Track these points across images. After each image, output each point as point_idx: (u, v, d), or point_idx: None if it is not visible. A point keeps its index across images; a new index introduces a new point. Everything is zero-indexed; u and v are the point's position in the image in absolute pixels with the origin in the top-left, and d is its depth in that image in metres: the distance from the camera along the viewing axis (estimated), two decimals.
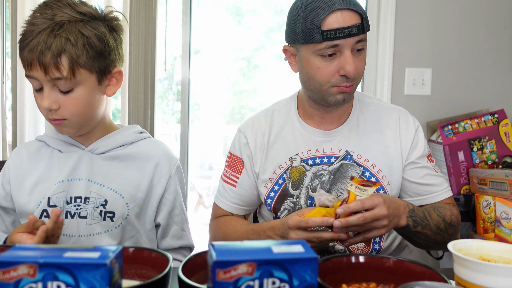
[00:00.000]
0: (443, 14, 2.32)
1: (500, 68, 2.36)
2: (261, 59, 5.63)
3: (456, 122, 2.12)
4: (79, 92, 1.03)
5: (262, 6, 5.47)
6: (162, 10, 2.38)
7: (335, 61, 1.10)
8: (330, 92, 1.13)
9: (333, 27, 1.07)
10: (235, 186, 1.29)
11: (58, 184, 1.10)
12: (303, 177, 1.21)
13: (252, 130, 1.29)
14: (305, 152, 1.23)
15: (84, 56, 1.01)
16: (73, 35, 1.00)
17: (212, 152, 5.82)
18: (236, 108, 5.97)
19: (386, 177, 1.21)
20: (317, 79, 1.13)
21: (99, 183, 1.11)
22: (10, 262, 0.56)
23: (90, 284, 0.56)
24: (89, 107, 1.06)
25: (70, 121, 1.05)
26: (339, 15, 1.07)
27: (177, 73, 2.76)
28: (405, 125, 1.26)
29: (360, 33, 1.08)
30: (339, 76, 1.11)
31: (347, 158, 1.22)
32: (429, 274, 0.74)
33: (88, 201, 1.09)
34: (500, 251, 0.78)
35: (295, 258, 0.58)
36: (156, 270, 0.76)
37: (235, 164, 1.30)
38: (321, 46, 1.08)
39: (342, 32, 1.07)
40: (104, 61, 1.06)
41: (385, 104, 1.31)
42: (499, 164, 2.10)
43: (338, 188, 1.21)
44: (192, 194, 4.70)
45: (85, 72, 1.03)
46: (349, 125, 1.24)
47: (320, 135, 1.23)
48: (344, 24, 1.07)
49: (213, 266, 0.56)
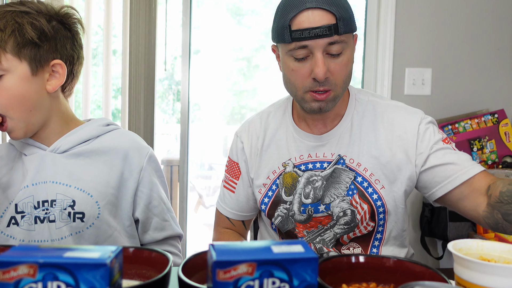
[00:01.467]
0: (443, 14, 2.32)
1: (500, 68, 2.36)
2: (261, 59, 5.63)
3: (456, 122, 2.12)
4: (8, 80, 0.99)
5: (262, 6, 5.47)
6: (162, 10, 2.39)
7: (307, 64, 1.05)
8: (304, 98, 1.08)
9: (301, 27, 1.01)
10: (233, 192, 1.28)
11: (23, 190, 1.06)
12: (296, 183, 1.18)
13: (248, 134, 1.26)
14: (298, 157, 1.19)
15: (11, 41, 0.98)
16: (4, 21, 0.98)
17: (212, 152, 5.82)
18: (236, 108, 5.97)
19: (379, 181, 1.15)
20: (292, 82, 1.09)
21: (64, 183, 1.06)
22: (10, 262, 0.56)
23: (90, 284, 0.56)
24: (23, 100, 1.01)
25: (10, 119, 1.01)
26: (309, 14, 1.01)
27: (177, 73, 2.76)
28: (403, 121, 1.16)
29: (331, 34, 1.01)
30: (311, 80, 1.05)
31: (339, 163, 1.16)
32: (429, 274, 0.74)
33: (55, 204, 1.05)
34: (500, 251, 0.78)
35: (295, 258, 0.58)
36: (156, 270, 0.76)
37: (233, 170, 1.29)
38: (290, 46, 1.04)
39: (310, 33, 1.00)
40: (37, 50, 1.02)
41: (384, 101, 1.22)
42: (499, 164, 2.10)
43: (331, 193, 1.16)
44: (192, 194, 4.70)
45: (12, 59, 0.99)
46: (343, 127, 1.18)
47: (312, 140, 1.18)
48: (314, 24, 1.00)
49: (213, 266, 0.56)
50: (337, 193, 1.16)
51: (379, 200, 1.15)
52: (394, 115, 1.17)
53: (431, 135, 1.13)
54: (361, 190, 1.15)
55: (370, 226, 1.17)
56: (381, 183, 1.15)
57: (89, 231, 1.07)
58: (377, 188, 1.15)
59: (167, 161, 3.33)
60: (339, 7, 1.02)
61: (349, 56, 1.06)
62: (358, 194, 1.15)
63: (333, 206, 1.16)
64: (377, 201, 1.15)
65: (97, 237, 1.08)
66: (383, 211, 1.15)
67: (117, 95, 4.12)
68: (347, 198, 1.15)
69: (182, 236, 1.23)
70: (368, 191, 1.15)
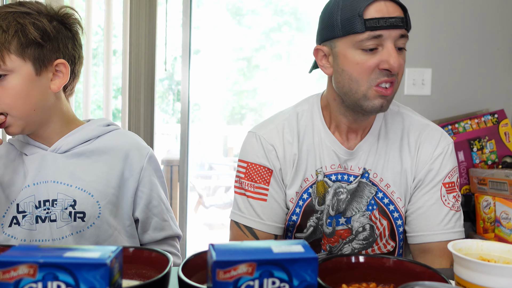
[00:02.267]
0: (443, 14, 2.32)
1: (500, 68, 2.36)
2: (261, 59, 5.63)
3: (456, 122, 2.12)
4: (11, 80, 1.00)
5: (262, 6, 5.47)
6: (162, 10, 2.39)
7: (376, 56, 1.01)
8: (367, 95, 1.03)
9: (376, 16, 0.99)
10: (265, 200, 1.13)
11: (25, 189, 1.06)
12: (326, 194, 1.13)
13: (280, 139, 1.14)
14: (329, 167, 1.13)
15: (15, 42, 0.99)
16: (6, 22, 0.99)
17: (212, 152, 5.82)
18: (236, 108, 5.97)
19: (401, 199, 1.12)
20: (355, 77, 1.03)
21: (65, 183, 1.07)
22: (10, 262, 0.56)
23: (90, 284, 0.56)
24: (27, 100, 1.02)
25: (11, 116, 1.01)
26: (383, 4, 1.00)
27: (177, 73, 2.76)
28: (428, 142, 1.13)
29: (404, 26, 1.01)
30: (378, 70, 1.01)
31: (364, 176, 1.13)
32: (429, 274, 0.74)
33: (56, 204, 1.06)
34: (500, 251, 0.78)
35: (295, 258, 0.58)
36: (156, 270, 0.76)
37: (260, 175, 1.14)
38: (362, 36, 0.99)
39: (386, 22, 0.98)
40: (41, 50, 1.03)
41: (416, 117, 1.17)
42: (499, 164, 2.10)
43: (353, 207, 1.13)
44: (192, 194, 4.70)
45: (17, 59, 1.00)
46: (371, 138, 1.13)
47: (344, 154, 1.13)
48: (388, 14, 0.99)
49: (213, 266, 0.56)
50: (359, 207, 1.13)
51: (399, 219, 1.12)
52: (420, 131, 1.14)
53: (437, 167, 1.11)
54: (381, 206, 1.12)
55: (390, 246, 1.14)
56: (403, 201, 1.12)
57: (90, 230, 1.07)
58: (398, 206, 1.12)
59: (167, 161, 3.33)
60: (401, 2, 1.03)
61: (405, 54, 1.05)
62: (378, 210, 1.12)
63: (353, 220, 1.13)
64: (397, 220, 1.13)
65: (97, 237, 1.08)
66: (404, 231, 1.14)
67: (117, 95, 4.12)
68: (366, 213, 1.13)
69: (181, 237, 1.23)
70: (389, 208, 1.12)
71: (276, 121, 1.18)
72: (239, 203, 1.16)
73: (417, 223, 1.11)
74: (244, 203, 1.14)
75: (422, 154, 1.12)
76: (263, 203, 1.13)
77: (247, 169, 1.15)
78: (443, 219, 1.10)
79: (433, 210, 1.10)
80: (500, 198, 1.89)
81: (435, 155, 1.11)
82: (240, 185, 1.16)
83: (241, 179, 1.15)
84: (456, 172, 1.14)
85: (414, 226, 1.12)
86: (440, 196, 1.11)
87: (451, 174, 1.12)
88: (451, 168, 1.12)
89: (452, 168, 1.13)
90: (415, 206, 1.12)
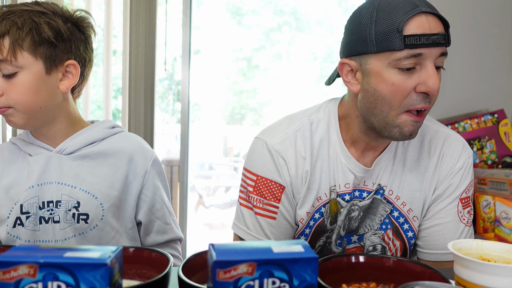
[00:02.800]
0: (443, 14, 2.32)
1: (500, 68, 2.36)
2: (261, 59, 5.63)
3: (456, 122, 2.12)
4: (22, 77, 1.01)
5: (262, 6, 5.47)
6: (162, 10, 2.39)
7: (414, 76, 0.91)
8: (396, 122, 0.94)
9: (417, 32, 0.89)
10: (274, 218, 1.05)
11: (28, 190, 1.07)
12: (338, 214, 1.06)
13: (293, 153, 1.05)
14: (343, 185, 1.05)
15: (28, 39, 1.01)
16: (22, 19, 1.01)
17: (212, 152, 5.82)
18: (236, 108, 5.98)
19: (418, 218, 1.06)
20: (388, 99, 0.93)
21: (70, 184, 1.08)
22: (10, 262, 0.56)
23: (91, 284, 0.56)
24: (35, 96, 1.03)
25: (15, 109, 1.02)
26: (424, 19, 0.90)
27: (177, 73, 2.76)
28: (450, 155, 1.06)
29: (446, 44, 0.92)
30: (415, 93, 0.92)
31: (378, 193, 1.05)
32: (429, 274, 0.74)
33: (60, 205, 1.06)
34: (500, 251, 0.78)
35: (295, 258, 0.58)
36: (156, 270, 0.76)
37: (270, 191, 1.05)
38: (401, 54, 0.89)
39: (428, 39, 0.89)
40: (53, 49, 1.04)
41: (434, 125, 1.09)
42: (499, 164, 2.10)
43: (366, 224, 1.07)
44: (192, 194, 4.70)
45: (28, 57, 1.01)
46: (388, 153, 1.05)
47: (361, 171, 1.04)
48: (430, 30, 0.89)
49: (213, 266, 0.56)
50: (371, 225, 1.07)
51: (413, 239, 1.08)
52: (444, 146, 1.07)
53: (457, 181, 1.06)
54: (395, 226, 1.07)
55: None
56: (419, 220, 1.07)
57: (93, 232, 1.08)
58: (413, 225, 1.07)
59: (167, 161, 3.33)
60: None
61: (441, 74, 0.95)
62: (392, 230, 1.07)
63: (365, 238, 1.08)
64: (411, 239, 1.08)
65: (100, 239, 1.09)
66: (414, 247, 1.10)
67: (117, 95, 4.12)
68: (379, 232, 1.07)
69: (182, 239, 1.24)
70: (404, 228, 1.07)
71: (288, 130, 1.07)
72: (246, 218, 1.08)
73: (432, 240, 1.06)
74: (251, 219, 1.07)
75: (444, 167, 1.06)
76: (272, 221, 1.05)
77: (256, 183, 1.06)
78: (459, 237, 1.06)
79: (449, 227, 1.05)
80: (500, 198, 1.89)
81: (455, 169, 1.06)
82: (247, 197, 1.07)
83: (250, 193, 1.06)
84: (472, 186, 1.09)
85: (429, 243, 1.07)
86: (457, 212, 1.06)
87: (468, 188, 1.07)
88: (469, 182, 1.07)
89: (470, 182, 1.08)
90: (430, 222, 1.07)
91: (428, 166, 1.06)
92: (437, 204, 1.06)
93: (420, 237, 1.09)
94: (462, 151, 1.07)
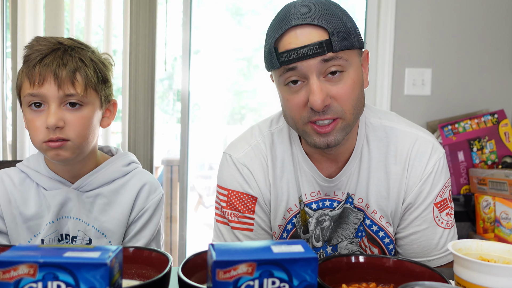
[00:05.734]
0: (443, 14, 2.32)
1: (500, 68, 2.36)
2: (261, 59, 5.62)
3: (456, 122, 2.12)
4: (86, 111, 1.05)
5: (262, 6, 5.47)
6: (162, 10, 2.39)
7: (303, 91, 0.90)
8: (306, 131, 0.93)
9: (287, 48, 0.88)
10: (251, 230, 1.05)
11: (49, 225, 1.09)
12: (307, 224, 1.06)
13: (259, 164, 1.05)
14: (309, 194, 1.04)
15: (95, 78, 1.06)
16: (85, 57, 1.05)
17: (212, 152, 5.82)
18: (236, 108, 5.97)
19: (390, 224, 1.04)
20: (289, 114, 0.95)
21: (84, 221, 1.11)
22: (10, 261, 0.56)
23: (90, 284, 0.56)
24: (90, 131, 1.06)
25: (72, 142, 1.03)
26: (296, 33, 0.88)
27: (177, 73, 2.77)
28: (418, 159, 1.01)
29: (323, 52, 0.86)
30: (309, 109, 0.90)
31: (348, 202, 1.04)
32: (429, 274, 0.74)
33: (75, 241, 1.11)
34: (499, 251, 0.79)
35: (295, 258, 0.58)
36: (156, 270, 0.76)
37: (243, 203, 1.05)
38: (280, 72, 0.91)
39: (297, 53, 0.87)
40: (108, 88, 1.11)
41: (400, 126, 1.04)
42: (499, 164, 2.10)
43: (339, 234, 1.06)
44: (192, 194, 4.70)
45: (93, 94, 1.06)
46: (353, 162, 1.02)
47: (324, 182, 1.03)
48: (301, 43, 0.87)
49: (213, 266, 0.56)
50: (345, 234, 1.06)
51: (391, 244, 1.07)
52: (412, 150, 1.02)
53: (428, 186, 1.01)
54: (370, 234, 1.06)
55: None
56: (393, 226, 1.05)
57: None
58: (388, 232, 1.05)
59: (167, 161, 3.33)
60: (332, 20, 0.88)
61: (354, 77, 0.91)
62: (367, 238, 1.06)
63: (340, 248, 1.07)
64: (389, 245, 1.07)
65: None
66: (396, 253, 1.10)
67: (117, 95, 4.11)
68: (356, 240, 1.07)
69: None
70: (379, 235, 1.06)
71: (251, 141, 1.08)
72: (224, 234, 1.07)
73: (411, 248, 1.04)
74: (229, 234, 1.07)
75: (412, 173, 1.01)
76: (250, 233, 1.05)
77: (228, 198, 1.06)
78: (438, 242, 1.03)
79: (427, 234, 1.03)
80: (500, 198, 1.89)
81: (425, 174, 1.01)
82: (222, 213, 1.07)
83: (223, 208, 1.06)
84: (448, 186, 1.04)
85: (408, 251, 1.05)
86: (433, 218, 1.02)
87: (443, 191, 1.03)
88: (443, 184, 1.02)
89: (444, 184, 1.03)
90: (407, 230, 1.04)
91: (395, 173, 1.02)
92: (411, 212, 1.03)
93: (399, 245, 1.07)
94: (431, 154, 1.02)
